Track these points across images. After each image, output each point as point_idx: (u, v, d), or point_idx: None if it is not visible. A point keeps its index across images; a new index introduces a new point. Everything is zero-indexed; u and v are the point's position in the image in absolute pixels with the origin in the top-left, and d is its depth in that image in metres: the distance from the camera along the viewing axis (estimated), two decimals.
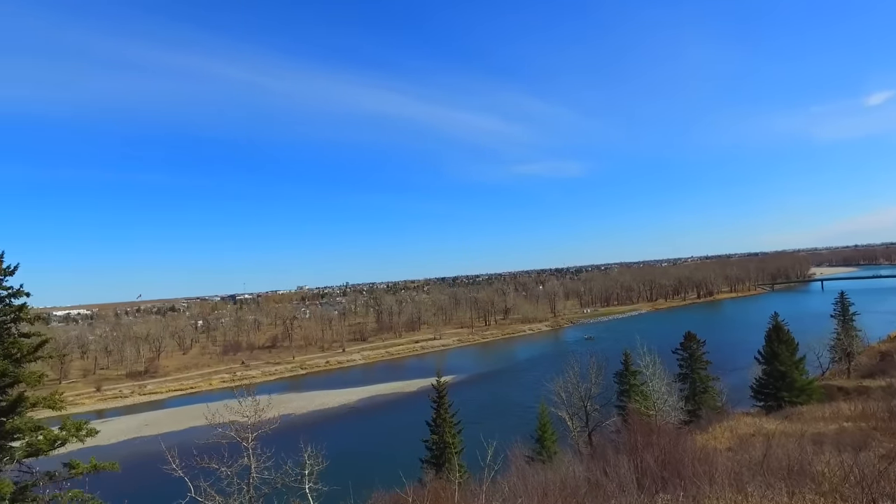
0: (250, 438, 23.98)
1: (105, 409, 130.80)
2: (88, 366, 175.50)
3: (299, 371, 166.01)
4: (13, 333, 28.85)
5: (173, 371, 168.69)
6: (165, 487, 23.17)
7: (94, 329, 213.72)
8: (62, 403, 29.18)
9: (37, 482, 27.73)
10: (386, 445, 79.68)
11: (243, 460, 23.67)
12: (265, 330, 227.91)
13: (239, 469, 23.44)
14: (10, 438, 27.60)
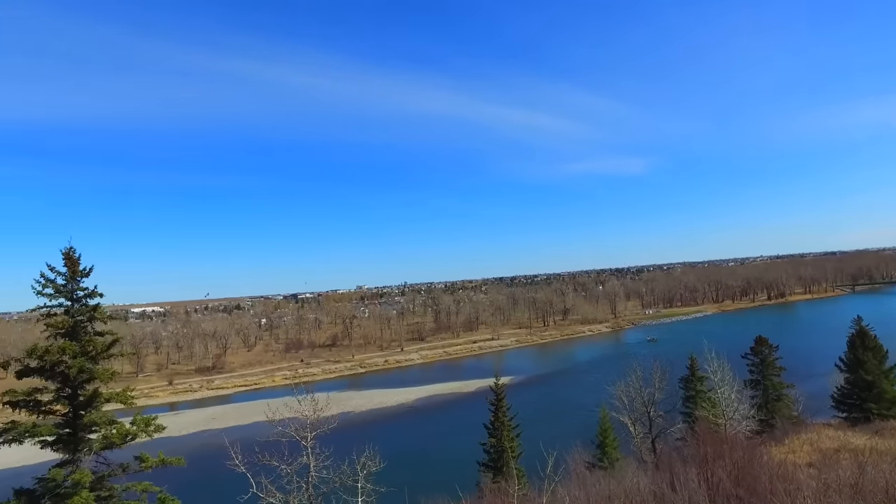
0: (309, 437, 24.05)
1: (177, 401, 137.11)
2: (162, 360, 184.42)
3: (358, 370, 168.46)
4: (89, 332, 30.26)
5: (239, 367, 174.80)
6: (229, 482, 23.62)
7: (166, 326, 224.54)
8: (133, 400, 30.39)
9: (113, 473, 28.94)
10: (443, 446, 79.55)
11: (303, 459, 23.77)
12: (325, 328, 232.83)
13: (298, 467, 23.56)
14: (87, 431, 28.92)
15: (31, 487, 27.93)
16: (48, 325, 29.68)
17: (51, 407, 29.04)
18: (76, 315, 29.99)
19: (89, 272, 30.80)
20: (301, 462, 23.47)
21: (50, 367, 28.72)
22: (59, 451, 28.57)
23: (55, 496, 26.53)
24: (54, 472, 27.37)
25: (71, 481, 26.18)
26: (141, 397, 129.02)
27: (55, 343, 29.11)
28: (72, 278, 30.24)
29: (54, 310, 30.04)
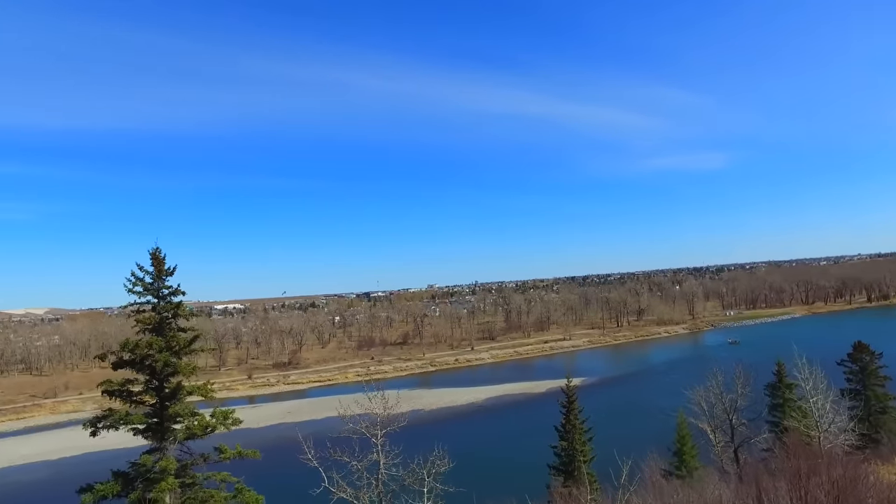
0: (380, 435, 24.20)
1: (255, 395, 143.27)
2: (242, 355, 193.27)
3: (429, 368, 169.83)
4: (173, 328, 31.94)
5: (313, 363, 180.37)
6: (302, 475, 24.19)
7: (246, 322, 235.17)
8: (212, 393, 31.79)
9: (195, 462, 30.43)
10: (512, 447, 78.78)
11: (373, 455, 23.93)
12: (397, 327, 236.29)
13: (368, 464, 23.75)
14: (172, 421, 30.53)
15: (126, 470, 29.78)
16: (138, 320, 31.56)
17: (141, 397, 30.86)
18: (162, 312, 31.69)
19: (173, 271, 32.45)
20: (371, 459, 23.66)
21: (140, 360, 30.53)
22: (148, 439, 30.32)
23: (146, 480, 28.14)
24: (144, 458, 29.08)
25: (158, 467, 27.71)
26: (222, 390, 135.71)
27: (143, 338, 30.90)
28: (158, 277, 31.97)
29: (143, 306, 31.94)
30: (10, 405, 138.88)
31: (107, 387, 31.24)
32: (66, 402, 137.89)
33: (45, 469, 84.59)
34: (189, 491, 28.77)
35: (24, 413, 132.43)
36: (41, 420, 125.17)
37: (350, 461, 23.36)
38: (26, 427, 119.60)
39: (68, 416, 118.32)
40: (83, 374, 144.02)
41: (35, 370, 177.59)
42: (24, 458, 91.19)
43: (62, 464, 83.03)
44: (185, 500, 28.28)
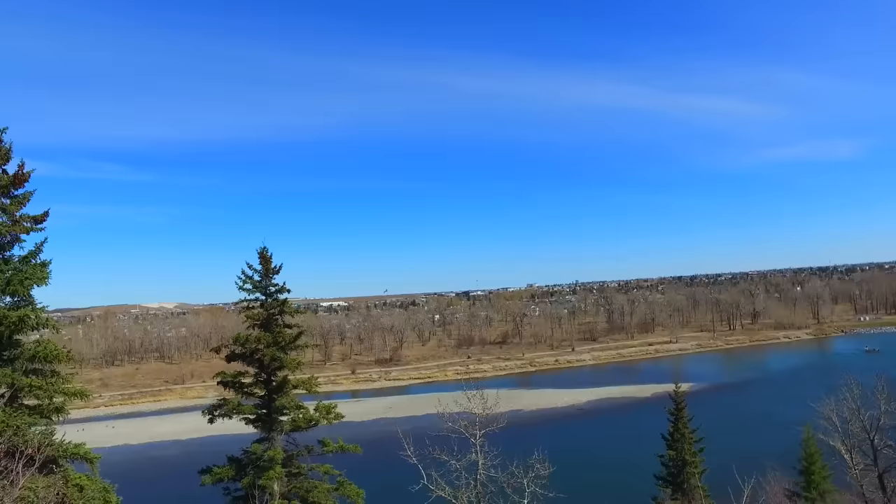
0: (478, 434, 23.76)
1: (358, 389, 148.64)
2: (346, 351, 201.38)
3: (528, 368, 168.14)
4: (279, 324, 33.43)
5: (413, 360, 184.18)
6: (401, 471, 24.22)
7: (350, 319, 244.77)
8: (316, 388, 32.97)
9: (300, 453, 31.73)
10: (615, 453, 75.72)
11: (471, 455, 23.55)
12: (496, 326, 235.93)
13: (467, 464, 23.38)
14: (279, 413, 32.01)
15: (239, 457, 31.64)
16: (247, 316, 33.37)
17: (251, 389, 32.64)
18: (269, 308, 33.29)
19: (279, 270, 33.97)
20: (470, 458, 23.27)
21: (249, 354, 32.26)
22: (258, 429, 32.01)
23: (256, 467, 29.68)
24: (255, 446, 30.69)
25: (267, 456, 29.10)
26: (327, 384, 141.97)
27: (253, 333, 32.62)
28: (265, 275, 33.60)
29: (252, 303, 33.73)
30: (148, 388, 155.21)
31: (221, 378, 33.31)
32: (191, 388, 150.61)
33: (176, 447, 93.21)
34: (295, 480, 30.01)
35: (159, 396, 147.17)
36: (172, 403, 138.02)
37: (449, 460, 23.10)
38: (161, 409, 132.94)
39: (193, 402, 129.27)
40: (205, 364, 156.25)
41: (167, 358, 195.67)
42: (160, 436, 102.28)
43: (189, 443, 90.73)
44: (291, 488, 29.53)
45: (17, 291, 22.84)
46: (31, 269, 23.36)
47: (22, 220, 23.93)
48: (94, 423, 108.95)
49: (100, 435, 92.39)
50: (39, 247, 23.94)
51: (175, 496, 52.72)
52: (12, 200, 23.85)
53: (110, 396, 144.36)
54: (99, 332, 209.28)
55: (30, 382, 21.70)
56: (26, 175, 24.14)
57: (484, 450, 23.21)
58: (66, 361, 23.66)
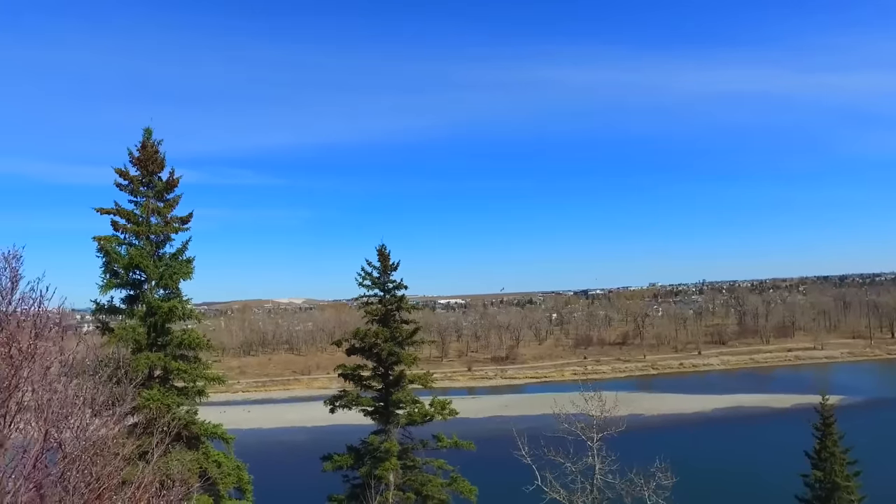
0: (595, 437, 22.93)
1: (474, 386, 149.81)
2: (462, 348, 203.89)
3: (650, 371, 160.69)
4: (397, 320, 34.43)
5: (530, 359, 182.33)
6: (514, 470, 23.97)
7: (466, 316, 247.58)
8: (432, 383, 33.54)
9: (415, 447, 32.46)
10: (748, 468, 69.71)
11: (588, 459, 22.76)
12: (615, 326, 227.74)
13: (583, 467, 22.65)
14: (396, 407, 32.96)
15: (357, 446, 33.01)
16: (366, 311, 34.69)
17: (369, 382, 33.91)
18: (387, 304, 34.40)
19: (396, 266, 34.97)
20: (586, 462, 22.54)
21: (368, 348, 33.50)
22: (375, 421, 33.18)
23: (373, 458, 30.77)
24: (372, 437, 31.82)
25: (383, 448, 30.07)
26: (444, 380, 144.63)
27: (371, 328, 33.87)
28: (384, 272, 34.74)
29: (370, 299, 35.03)
30: (278, 378, 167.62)
31: (342, 370, 34.92)
32: (317, 379, 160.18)
33: (302, 433, 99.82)
34: (410, 473, 30.73)
35: (287, 385, 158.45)
36: (299, 392, 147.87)
37: (564, 462, 22.50)
38: (289, 397, 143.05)
39: (318, 392, 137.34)
40: (330, 357, 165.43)
41: (295, 350, 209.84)
42: (289, 422, 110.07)
43: (314, 430, 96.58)
44: (405, 480, 30.28)
45: (168, 285, 25.46)
46: (179, 264, 25.93)
47: (172, 221, 26.65)
48: (233, 407, 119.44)
49: (237, 418, 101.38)
50: (185, 245, 26.60)
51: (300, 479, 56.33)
52: (165, 204, 26.61)
53: (246, 383, 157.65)
54: (237, 325, 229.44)
55: (177, 366, 24.07)
56: (176, 181, 26.84)
57: (601, 454, 22.31)
58: (207, 349, 26.01)
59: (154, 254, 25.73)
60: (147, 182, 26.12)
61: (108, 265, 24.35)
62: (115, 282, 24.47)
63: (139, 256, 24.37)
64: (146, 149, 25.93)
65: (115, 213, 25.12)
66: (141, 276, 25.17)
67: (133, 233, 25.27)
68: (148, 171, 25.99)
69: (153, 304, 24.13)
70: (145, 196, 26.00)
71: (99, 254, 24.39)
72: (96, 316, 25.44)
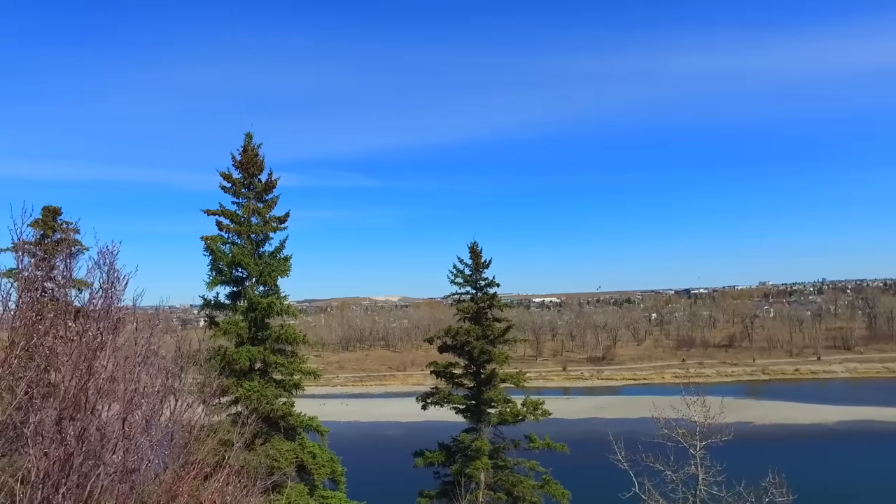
0: (698, 445, 21.45)
1: (569, 387, 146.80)
2: (557, 347, 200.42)
3: (760, 376, 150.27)
4: (489, 318, 34.15)
5: (627, 360, 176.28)
6: (609, 475, 23.00)
7: (562, 315, 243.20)
8: (524, 382, 32.96)
9: (506, 446, 32.03)
10: (882, 491, 62.65)
11: (690, 468, 21.34)
12: (721, 328, 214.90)
13: (685, 476, 21.26)
14: (487, 406, 32.70)
15: (449, 444, 33.07)
16: (458, 309, 34.69)
17: (461, 380, 33.86)
18: (479, 302, 34.20)
19: (488, 264, 34.71)
20: (688, 471, 21.14)
21: (460, 346, 33.45)
22: (466, 419, 33.07)
23: (464, 456, 30.68)
24: (463, 435, 31.74)
25: (475, 446, 29.88)
26: (538, 379, 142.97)
27: (463, 325, 33.81)
28: (476, 269, 34.57)
29: (462, 296, 34.99)
30: (374, 373, 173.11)
31: (434, 367, 35.16)
32: (412, 375, 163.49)
33: (397, 428, 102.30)
34: (500, 473, 30.32)
35: (383, 381, 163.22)
36: (395, 388, 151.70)
37: (664, 469, 21.22)
38: (385, 392, 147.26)
39: (413, 388, 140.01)
40: (424, 353, 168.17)
41: (391, 347, 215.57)
42: (384, 417, 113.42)
43: (408, 426, 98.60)
44: (496, 480, 29.90)
45: (267, 281, 26.69)
46: (277, 262, 27.13)
47: (270, 220, 27.94)
48: (332, 400, 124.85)
49: (336, 411, 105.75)
50: (283, 243, 27.81)
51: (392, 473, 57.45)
52: (264, 204, 27.94)
53: (345, 378, 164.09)
54: (336, 321, 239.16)
55: (276, 360, 25.17)
56: (274, 182, 28.11)
57: (705, 463, 20.85)
58: (303, 344, 27.01)
59: (254, 252, 27.06)
60: (248, 184, 27.52)
61: (213, 263, 25.89)
62: (219, 278, 25.97)
63: (241, 254, 25.71)
64: (247, 152, 27.32)
65: (219, 214, 26.66)
66: (243, 274, 26.56)
67: (235, 232, 26.71)
68: (249, 173, 27.37)
69: (253, 300, 25.40)
70: (246, 197, 27.39)
71: (206, 252, 25.98)
72: (204, 310, 27.17)
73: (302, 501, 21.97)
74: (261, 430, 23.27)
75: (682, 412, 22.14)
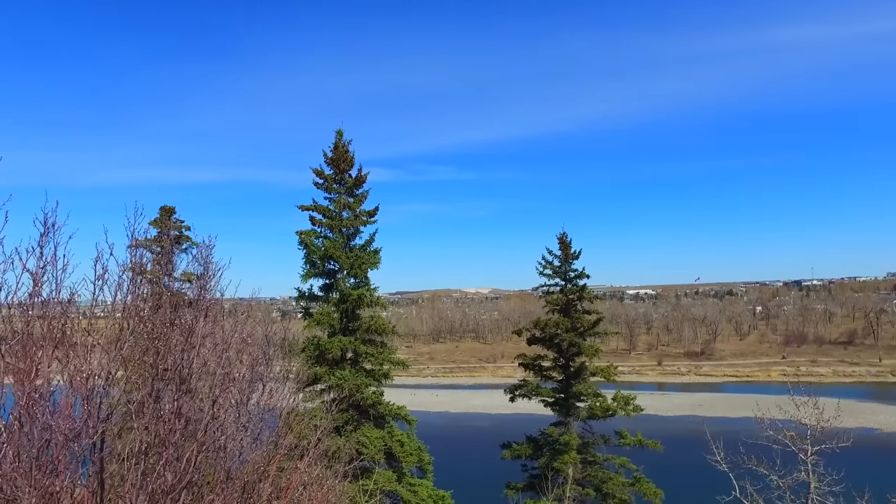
0: (810, 451, 19.95)
1: (664, 382, 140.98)
2: (652, 341, 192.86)
3: (888, 378, 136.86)
4: (578, 310, 33.46)
5: (729, 356, 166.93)
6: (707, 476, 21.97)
7: (657, 308, 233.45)
8: (615, 377, 32.05)
9: (595, 441, 31.31)
10: None
11: (800, 474, 19.89)
12: (838, 323, 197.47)
13: (794, 483, 19.86)
14: (576, 399, 32.12)
15: (536, 437, 32.82)
16: (547, 301, 34.31)
17: (549, 373, 33.46)
18: (568, 294, 33.60)
19: (578, 255, 34.00)
20: (797, 477, 19.70)
21: (549, 338, 33.08)
22: (555, 412, 32.65)
23: (552, 450, 30.31)
24: (551, 429, 31.38)
25: (563, 440, 29.43)
26: (631, 374, 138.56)
27: (552, 318, 33.36)
28: (565, 260, 33.99)
29: (552, 288, 34.51)
30: (464, 365, 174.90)
31: (522, 360, 34.98)
32: (502, 367, 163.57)
33: (486, 419, 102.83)
34: (589, 468, 29.70)
35: (473, 372, 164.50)
36: (484, 380, 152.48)
37: (769, 474, 19.91)
38: (475, 384, 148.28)
39: (502, 380, 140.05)
40: (514, 346, 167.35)
41: (481, 339, 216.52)
42: (473, 408, 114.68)
43: (496, 418, 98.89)
44: (585, 475, 29.31)
45: (357, 274, 27.59)
46: (367, 255, 27.96)
47: (361, 214, 28.83)
48: (423, 390, 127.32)
49: (426, 401, 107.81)
50: (373, 237, 28.62)
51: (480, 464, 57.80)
52: (355, 199, 28.87)
53: (435, 369, 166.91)
54: (427, 313, 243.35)
55: (366, 350, 26.02)
56: (364, 177, 28.97)
57: (818, 471, 19.35)
58: (392, 334, 27.73)
59: (345, 245, 28.05)
60: (339, 179, 28.53)
61: (307, 256, 27.12)
62: (313, 271, 27.17)
63: (333, 247, 26.73)
64: (338, 149, 28.31)
65: (312, 209, 27.86)
66: (335, 266, 27.61)
67: (327, 226, 27.80)
68: (339, 169, 28.36)
69: (344, 292, 26.37)
70: (337, 192, 28.41)
71: (300, 246, 27.25)
72: (299, 302, 28.55)
73: (390, 487, 22.65)
74: (351, 418, 24.16)
75: (791, 413, 20.66)
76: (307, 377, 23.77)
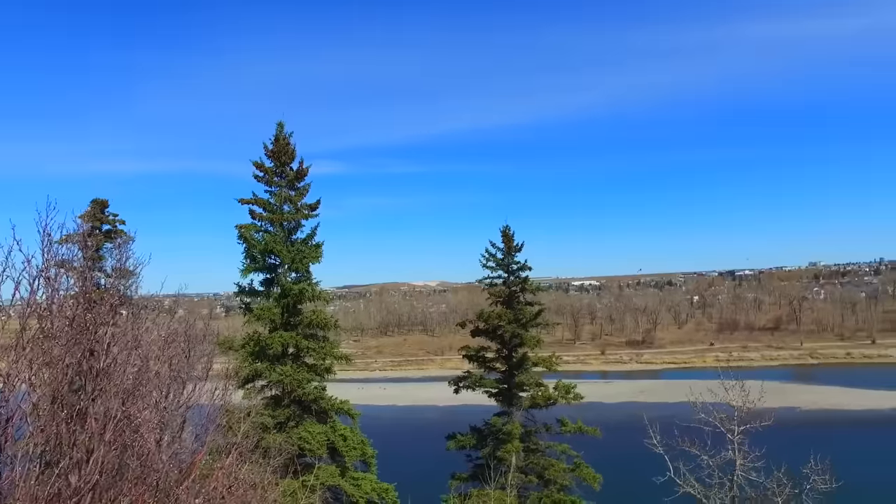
0: (736, 431, 20.93)
1: (608, 371, 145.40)
2: (596, 331, 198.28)
3: (808, 360, 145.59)
4: (521, 301, 34.00)
5: (668, 344, 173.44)
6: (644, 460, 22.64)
7: (601, 299, 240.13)
8: (556, 366, 32.75)
9: (537, 430, 31.98)
10: None
11: (728, 453, 20.87)
12: (766, 310, 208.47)
13: (722, 462, 20.82)
14: (519, 389, 32.68)
15: (480, 427, 33.23)
16: (490, 293, 34.70)
17: (493, 364, 33.90)
18: (511, 286, 34.09)
19: (521, 248, 34.51)
20: (725, 456, 20.68)
21: (491, 330, 33.46)
22: (498, 403, 33.16)
23: (495, 439, 30.78)
24: (495, 419, 31.84)
25: (506, 430, 29.92)
26: (576, 363, 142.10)
27: (495, 310, 33.76)
28: (507, 253, 34.43)
29: (495, 280, 34.93)
30: (413, 358, 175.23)
31: (466, 351, 35.28)
32: (450, 360, 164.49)
33: (434, 412, 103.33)
34: (532, 456, 30.33)
35: (421, 365, 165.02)
36: (433, 372, 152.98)
37: (700, 454, 20.80)
38: (423, 376, 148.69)
39: (451, 372, 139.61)
40: (462, 338, 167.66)
41: (429, 331, 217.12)
42: (421, 401, 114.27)
43: (444, 409, 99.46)
44: (527, 463, 29.92)
45: (299, 268, 27.16)
46: (309, 249, 27.53)
47: (302, 208, 28.34)
48: (371, 384, 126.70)
49: (374, 395, 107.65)
50: (314, 231, 28.23)
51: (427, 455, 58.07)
52: (296, 192, 28.33)
53: (384, 362, 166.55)
54: (375, 306, 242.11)
55: (308, 345, 25.66)
56: (305, 170, 28.47)
57: (743, 448, 20.36)
58: (334, 329, 27.44)
59: (287, 239, 27.53)
60: (280, 172, 27.95)
61: (247, 251, 26.49)
62: (253, 266, 26.56)
63: (273, 242, 26.19)
64: (279, 141, 27.70)
65: (252, 203, 27.18)
66: (276, 261, 27.10)
67: (268, 220, 27.22)
68: (280, 161, 27.78)
69: (286, 287, 25.91)
70: (278, 185, 27.81)
71: (240, 241, 26.57)
72: (239, 297, 27.86)
73: (333, 482, 22.49)
74: (293, 413, 23.82)
75: (721, 396, 21.62)
76: (248, 373, 23.24)
